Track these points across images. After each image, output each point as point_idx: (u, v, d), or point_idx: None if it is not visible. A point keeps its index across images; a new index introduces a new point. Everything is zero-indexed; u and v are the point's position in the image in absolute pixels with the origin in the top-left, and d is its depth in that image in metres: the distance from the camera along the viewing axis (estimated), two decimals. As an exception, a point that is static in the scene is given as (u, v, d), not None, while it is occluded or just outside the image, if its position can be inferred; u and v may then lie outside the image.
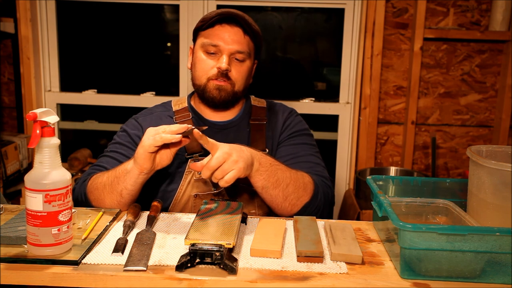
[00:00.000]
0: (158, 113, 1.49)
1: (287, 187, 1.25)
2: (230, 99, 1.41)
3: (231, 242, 0.94)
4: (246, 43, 1.39)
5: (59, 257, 0.95)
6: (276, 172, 1.24)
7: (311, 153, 1.45)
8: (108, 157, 1.41)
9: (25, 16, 2.45)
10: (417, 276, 0.94)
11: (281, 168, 1.27)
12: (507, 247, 0.91)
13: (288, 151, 1.44)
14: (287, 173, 1.26)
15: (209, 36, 1.38)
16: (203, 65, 1.39)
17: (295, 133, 1.48)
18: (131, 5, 2.57)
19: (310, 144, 1.48)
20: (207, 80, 1.38)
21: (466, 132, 2.55)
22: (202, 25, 1.40)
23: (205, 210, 1.13)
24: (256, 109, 1.51)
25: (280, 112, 1.52)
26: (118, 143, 1.43)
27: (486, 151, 1.16)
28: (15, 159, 2.40)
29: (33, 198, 0.92)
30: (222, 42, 1.36)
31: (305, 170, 1.35)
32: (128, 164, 1.21)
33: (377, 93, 2.47)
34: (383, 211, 1.03)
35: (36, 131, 0.91)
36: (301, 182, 1.28)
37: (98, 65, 2.73)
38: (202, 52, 1.39)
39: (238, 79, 1.39)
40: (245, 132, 1.46)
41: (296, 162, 1.39)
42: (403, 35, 2.47)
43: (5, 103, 2.65)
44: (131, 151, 1.38)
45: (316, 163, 1.42)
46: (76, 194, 1.34)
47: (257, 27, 1.42)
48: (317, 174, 1.37)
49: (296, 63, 2.67)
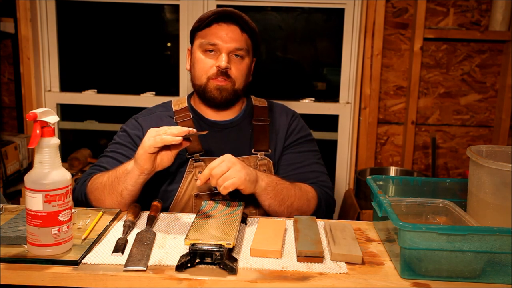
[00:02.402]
0: (158, 113, 1.49)
1: (291, 205, 1.30)
2: (231, 98, 1.41)
3: (231, 242, 0.94)
4: (244, 41, 1.39)
5: (59, 257, 0.95)
6: (282, 191, 1.28)
7: (315, 161, 1.48)
8: (108, 157, 1.41)
9: (25, 16, 2.45)
10: (417, 276, 0.94)
11: (286, 186, 1.30)
12: (507, 247, 0.91)
13: (294, 159, 1.46)
14: (292, 191, 1.31)
15: (207, 35, 1.38)
16: (203, 65, 1.39)
17: (301, 139, 1.50)
18: (131, 5, 2.57)
19: (314, 151, 1.52)
20: (207, 79, 1.38)
21: (466, 132, 2.55)
22: (199, 25, 1.40)
23: (205, 210, 1.13)
24: (257, 109, 1.51)
25: (283, 114, 1.53)
26: (118, 143, 1.43)
27: (486, 151, 1.16)
28: (15, 159, 2.40)
29: (33, 198, 0.92)
30: (220, 41, 1.36)
31: (310, 180, 1.40)
32: (129, 164, 1.21)
33: (377, 93, 2.47)
34: (383, 211, 1.03)
35: (36, 131, 0.91)
36: (305, 199, 1.33)
37: (98, 65, 2.73)
38: (201, 52, 1.39)
39: (238, 76, 1.39)
40: (247, 132, 1.47)
41: (302, 172, 1.43)
42: (403, 35, 2.46)
43: (5, 103, 2.65)
44: (131, 151, 1.39)
45: (320, 172, 1.46)
46: (76, 194, 1.34)
47: (254, 25, 1.42)
48: (321, 185, 1.41)
49: (296, 63, 2.67)
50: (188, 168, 1.38)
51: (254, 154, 1.43)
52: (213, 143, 1.42)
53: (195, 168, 1.38)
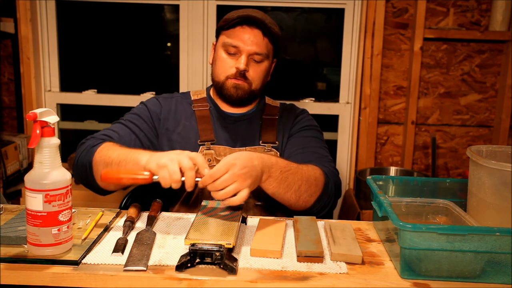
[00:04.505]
0: (178, 98, 1.55)
1: (299, 188, 1.25)
2: (246, 97, 1.46)
3: (231, 242, 0.94)
4: (265, 45, 1.43)
5: (59, 257, 0.95)
6: (287, 178, 1.22)
7: (320, 146, 1.48)
8: (122, 125, 1.42)
9: (25, 16, 2.45)
10: (417, 276, 0.94)
11: (292, 171, 1.24)
12: (507, 247, 0.91)
13: (297, 142, 1.48)
14: (298, 175, 1.25)
15: (230, 36, 1.42)
16: (223, 64, 1.44)
17: (306, 127, 1.53)
18: (131, 5, 2.57)
19: (320, 139, 1.52)
20: (225, 78, 1.44)
21: (466, 132, 2.55)
22: (224, 25, 1.44)
23: (205, 210, 1.13)
24: (269, 107, 1.57)
25: (292, 109, 1.60)
26: (136, 114, 1.47)
27: (486, 151, 1.17)
28: (15, 159, 2.40)
29: (33, 198, 0.92)
30: (241, 43, 1.40)
31: (313, 161, 1.37)
32: (143, 156, 1.13)
33: (377, 93, 2.47)
34: (383, 211, 1.03)
35: (36, 131, 0.91)
36: (313, 179, 1.28)
37: (98, 65, 2.73)
38: (223, 51, 1.44)
39: (255, 78, 1.44)
40: (257, 125, 1.51)
41: (305, 152, 1.43)
42: (403, 35, 2.46)
43: (5, 103, 2.65)
44: (146, 125, 1.44)
45: (325, 155, 1.44)
46: (82, 158, 1.28)
47: (277, 29, 1.46)
48: (326, 165, 1.38)
49: (296, 63, 2.67)
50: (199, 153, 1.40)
51: (262, 145, 1.47)
52: (225, 133, 1.48)
53: (205, 155, 1.42)
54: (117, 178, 1.09)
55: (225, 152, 1.43)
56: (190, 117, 1.49)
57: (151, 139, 1.44)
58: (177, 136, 1.46)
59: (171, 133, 1.46)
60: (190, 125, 1.48)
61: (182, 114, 1.50)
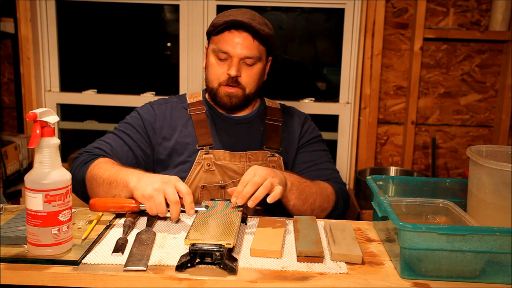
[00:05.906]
0: (174, 103, 1.52)
1: (314, 202, 1.31)
2: (241, 103, 1.45)
3: (231, 242, 0.94)
4: (256, 47, 1.40)
5: (59, 257, 0.95)
6: (305, 189, 1.29)
7: (327, 160, 1.53)
8: (115, 136, 1.43)
9: (25, 16, 2.45)
10: (417, 276, 0.94)
11: (308, 184, 1.31)
12: (507, 247, 0.91)
13: (308, 157, 1.50)
14: (313, 189, 1.32)
15: (219, 42, 1.40)
16: (215, 71, 1.42)
17: (313, 139, 1.55)
18: (131, 5, 2.57)
19: (326, 151, 1.56)
20: (218, 85, 1.42)
21: (466, 132, 2.55)
22: (212, 30, 1.42)
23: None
24: (271, 109, 1.56)
25: (295, 116, 1.58)
26: (129, 124, 1.46)
27: (486, 151, 1.17)
28: (15, 159, 2.40)
29: (33, 198, 0.92)
30: (231, 49, 1.38)
31: (324, 177, 1.43)
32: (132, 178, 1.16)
33: (377, 93, 2.47)
34: (383, 211, 1.03)
35: (36, 131, 0.91)
36: (325, 195, 1.35)
37: (98, 65, 2.73)
38: (214, 57, 1.42)
39: (249, 82, 1.42)
40: (259, 129, 1.51)
41: (317, 169, 1.47)
42: (403, 35, 2.46)
43: (5, 103, 2.65)
44: (139, 135, 1.43)
45: (333, 170, 1.51)
46: (76, 174, 1.31)
47: (267, 30, 1.41)
48: (336, 182, 1.44)
49: (296, 63, 2.67)
50: (197, 159, 1.40)
51: (265, 150, 1.47)
52: (224, 137, 1.46)
53: (204, 160, 1.41)
54: (105, 207, 1.16)
55: (224, 156, 1.42)
56: (187, 122, 1.47)
57: (144, 149, 1.44)
58: (174, 143, 1.44)
59: (169, 141, 1.45)
60: (187, 130, 1.46)
61: (178, 121, 1.48)
